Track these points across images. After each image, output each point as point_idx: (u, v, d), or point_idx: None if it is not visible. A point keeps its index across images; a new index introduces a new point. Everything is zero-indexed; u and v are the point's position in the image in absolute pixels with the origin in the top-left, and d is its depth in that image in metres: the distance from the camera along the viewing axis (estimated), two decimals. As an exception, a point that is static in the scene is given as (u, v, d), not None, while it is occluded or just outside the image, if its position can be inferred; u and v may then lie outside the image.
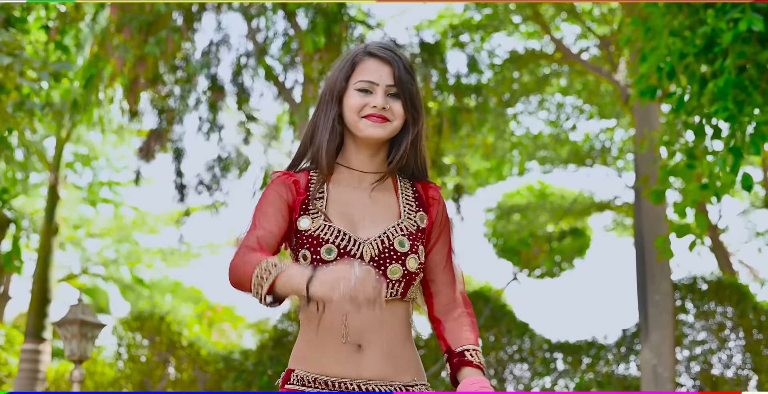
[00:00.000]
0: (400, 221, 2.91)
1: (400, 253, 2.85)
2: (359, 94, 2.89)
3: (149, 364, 16.61)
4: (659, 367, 13.50)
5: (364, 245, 2.83)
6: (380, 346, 2.82)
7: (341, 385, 2.77)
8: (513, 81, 18.43)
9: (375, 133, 2.88)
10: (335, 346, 2.79)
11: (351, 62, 2.95)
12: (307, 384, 2.79)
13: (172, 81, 14.00)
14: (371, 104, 2.88)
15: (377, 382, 2.80)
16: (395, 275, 2.83)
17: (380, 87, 2.90)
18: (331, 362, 2.78)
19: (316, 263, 2.77)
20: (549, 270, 22.44)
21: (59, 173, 17.12)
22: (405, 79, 2.92)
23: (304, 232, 2.85)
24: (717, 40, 6.59)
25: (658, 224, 14.14)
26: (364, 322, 2.79)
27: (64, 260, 25.94)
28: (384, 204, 2.95)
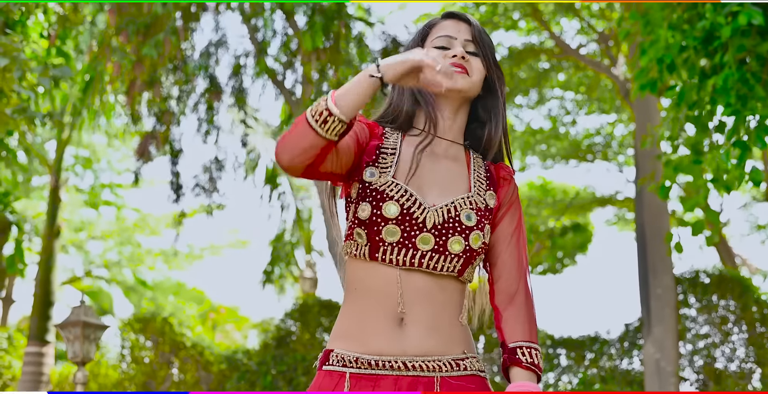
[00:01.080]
0: (470, 195, 2.74)
1: (465, 226, 2.67)
2: (437, 50, 2.74)
3: (153, 365, 16.62)
4: (662, 361, 13.49)
5: (429, 211, 2.64)
6: (424, 319, 2.63)
7: (385, 364, 2.58)
8: (512, 77, 18.43)
9: (453, 82, 2.66)
10: (377, 320, 2.61)
11: (427, 26, 2.84)
12: (348, 364, 2.60)
13: (171, 83, 14.01)
14: (450, 54, 2.73)
15: (424, 358, 2.61)
16: (455, 249, 2.65)
17: (458, 41, 2.76)
18: (372, 339, 2.60)
19: (376, 218, 2.61)
20: (551, 266, 22.47)
21: (60, 176, 17.14)
22: (484, 37, 2.80)
23: (369, 184, 2.66)
24: (716, 33, 6.59)
25: (659, 218, 14.14)
26: (410, 293, 2.63)
27: (66, 263, 25.98)
28: (455, 175, 2.77)
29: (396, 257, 2.62)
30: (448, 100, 2.77)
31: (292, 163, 2.49)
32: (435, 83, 2.46)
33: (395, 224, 2.61)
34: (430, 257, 2.63)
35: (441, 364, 2.63)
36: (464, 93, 2.75)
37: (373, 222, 2.62)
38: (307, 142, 2.46)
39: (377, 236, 2.62)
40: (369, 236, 2.63)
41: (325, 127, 2.43)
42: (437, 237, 2.63)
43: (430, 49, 2.68)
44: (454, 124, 2.80)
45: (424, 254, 2.63)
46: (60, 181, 17.13)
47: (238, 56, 14.43)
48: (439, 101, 2.77)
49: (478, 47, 2.78)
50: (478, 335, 15.89)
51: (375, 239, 2.62)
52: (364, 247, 2.64)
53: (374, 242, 2.63)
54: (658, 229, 13.99)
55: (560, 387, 15.34)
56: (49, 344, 16.21)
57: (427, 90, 2.71)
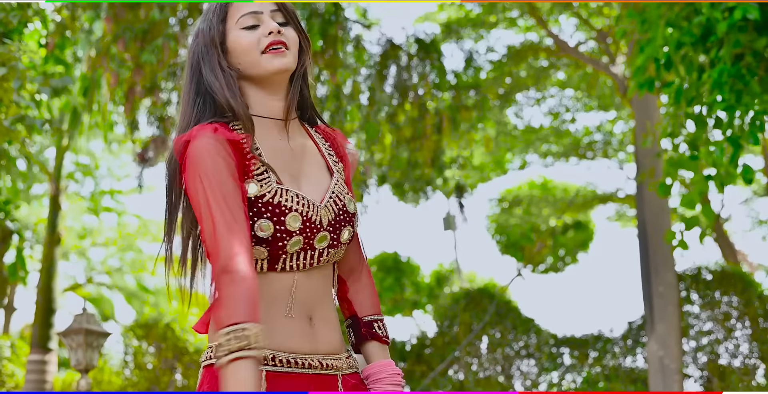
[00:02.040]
0: (337, 178, 2.65)
1: (350, 214, 2.62)
2: (247, 32, 2.56)
3: (156, 371, 16.61)
4: (666, 358, 13.49)
5: (320, 209, 2.54)
6: (327, 316, 2.59)
7: (303, 362, 2.50)
8: (511, 75, 18.43)
9: (282, 63, 2.54)
10: (287, 320, 2.51)
11: (221, 6, 2.60)
12: (263, 362, 2.44)
13: (170, 88, 13.99)
14: (265, 32, 2.55)
15: (331, 356, 2.57)
16: (345, 238, 2.60)
17: (265, 14, 2.58)
18: (286, 337, 2.50)
19: (280, 234, 2.47)
20: (553, 265, 22.45)
21: (60, 183, 17.13)
22: (286, 4, 2.62)
23: (257, 199, 2.46)
24: (713, 29, 6.58)
25: (661, 214, 14.13)
26: (311, 293, 2.56)
27: (68, 270, 25.99)
28: (313, 157, 2.67)
29: (296, 262, 2.54)
30: (277, 81, 2.59)
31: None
32: None
33: (298, 235, 2.50)
34: (326, 252, 2.58)
35: (341, 363, 2.60)
36: (289, 72, 2.59)
37: (278, 238, 2.48)
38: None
39: (281, 250, 2.50)
40: (271, 251, 2.49)
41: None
42: (332, 232, 2.57)
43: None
44: (280, 101, 2.64)
45: (321, 252, 2.57)
46: (60, 189, 17.12)
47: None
48: (267, 84, 2.59)
49: (286, 16, 2.62)
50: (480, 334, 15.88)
51: (278, 253, 2.51)
52: (261, 261, 2.51)
53: (276, 255, 2.51)
54: (660, 226, 13.98)
55: (564, 386, 15.34)
56: (51, 352, 16.20)
57: (226, 71, 2.55)
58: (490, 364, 15.79)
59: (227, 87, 2.55)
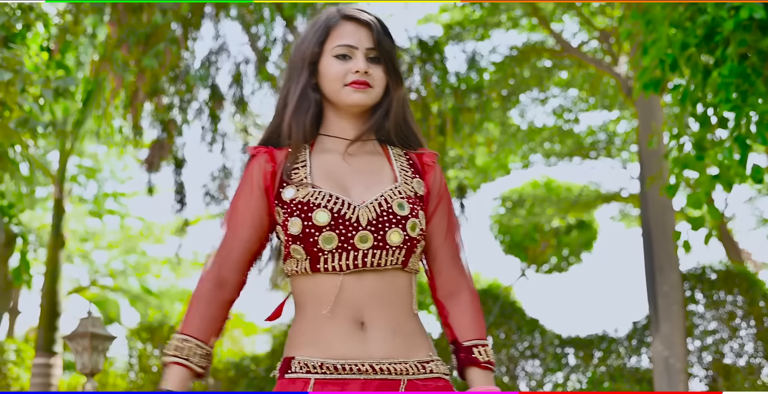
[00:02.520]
0: (398, 185, 2.70)
1: (400, 216, 2.63)
2: (338, 61, 2.70)
3: (161, 374, 16.61)
4: (671, 358, 13.48)
5: (359, 208, 2.61)
6: (385, 322, 2.60)
7: (351, 367, 2.54)
8: (514, 76, 18.42)
9: (359, 99, 2.70)
10: (336, 326, 2.57)
11: (324, 27, 2.74)
12: (312, 370, 2.53)
13: (173, 92, 14.00)
14: (353, 70, 2.68)
15: (389, 361, 2.57)
16: (395, 240, 2.61)
17: (360, 51, 2.70)
18: (334, 343, 2.56)
19: (308, 229, 2.58)
20: (557, 265, 22.44)
21: (64, 187, 17.13)
22: (385, 42, 2.73)
23: (291, 201, 2.62)
24: (718, 29, 6.57)
25: (665, 214, 14.12)
26: (361, 296, 2.59)
27: (72, 273, 25.98)
28: (378, 168, 2.75)
29: (338, 262, 2.59)
30: (352, 110, 2.75)
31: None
32: None
33: (330, 230, 2.58)
34: (372, 254, 2.60)
35: (407, 367, 2.59)
36: (366, 107, 2.74)
37: (307, 234, 2.58)
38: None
39: (314, 246, 2.58)
40: (306, 248, 2.59)
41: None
42: (375, 233, 2.60)
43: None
44: (359, 126, 2.78)
45: (365, 253, 2.60)
46: (63, 192, 17.13)
47: (239, 64, 14.42)
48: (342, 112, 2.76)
49: (380, 53, 2.73)
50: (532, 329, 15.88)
51: (313, 250, 2.59)
52: (304, 261, 2.61)
53: (313, 253, 2.59)
54: (664, 225, 13.98)
55: (569, 387, 15.34)
56: (56, 355, 16.19)
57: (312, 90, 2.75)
58: (495, 364, 15.79)
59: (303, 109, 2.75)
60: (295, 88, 2.75)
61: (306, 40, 2.77)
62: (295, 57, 2.78)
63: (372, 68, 2.72)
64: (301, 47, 2.77)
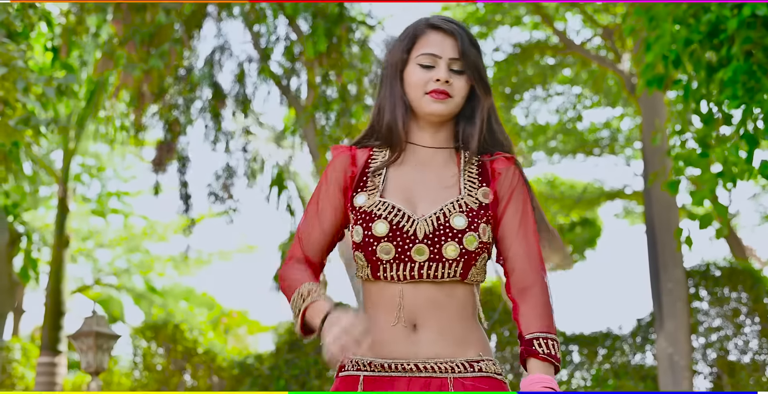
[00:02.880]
0: (460, 198, 2.74)
1: (456, 230, 2.68)
2: (421, 70, 2.76)
3: (165, 372, 16.62)
4: (675, 355, 13.47)
5: (418, 222, 2.68)
6: (436, 324, 2.68)
7: (398, 366, 2.65)
8: (517, 74, 18.40)
9: (437, 109, 2.75)
10: (390, 328, 2.68)
11: (412, 35, 2.81)
12: (362, 368, 2.68)
13: (176, 92, 14.00)
14: (434, 78, 2.74)
15: (435, 360, 2.65)
16: (451, 254, 2.67)
17: (443, 60, 2.75)
18: (385, 344, 2.67)
19: (368, 239, 2.70)
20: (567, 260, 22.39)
21: (68, 186, 17.13)
22: (470, 52, 2.77)
23: (360, 208, 2.75)
24: (722, 26, 6.56)
25: (669, 211, 14.11)
26: (418, 303, 2.68)
27: (76, 272, 25.98)
28: (445, 180, 2.79)
29: (396, 273, 2.69)
30: (430, 118, 2.81)
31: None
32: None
33: (387, 241, 2.69)
34: (428, 266, 2.68)
35: (453, 365, 2.65)
36: (445, 117, 2.80)
37: (367, 243, 2.70)
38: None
39: (374, 255, 2.70)
40: (366, 256, 2.71)
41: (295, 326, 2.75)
42: (431, 246, 2.68)
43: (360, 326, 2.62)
44: (438, 134, 2.84)
45: (422, 265, 2.68)
46: (67, 191, 17.13)
47: (241, 63, 14.42)
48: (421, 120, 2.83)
49: (464, 64, 2.77)
50: (489, 333, 15.87)
51: (372, 258, 2.70)
52: (366, 268, 2.73)
53: (372, 262, 2.71)
54: (668, 222, 13.96)
55: (573, 384, 15.32)
56: (61, 354, 16.21)
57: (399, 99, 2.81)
58: (500, 363, 15.72)
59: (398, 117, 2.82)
60: (391, 95, 2.82)
61: (395, 48, 2.84)
62: (387, 63, 2.86)
63: (453, 78, 2.77)
64: (391, 54, 2.85)
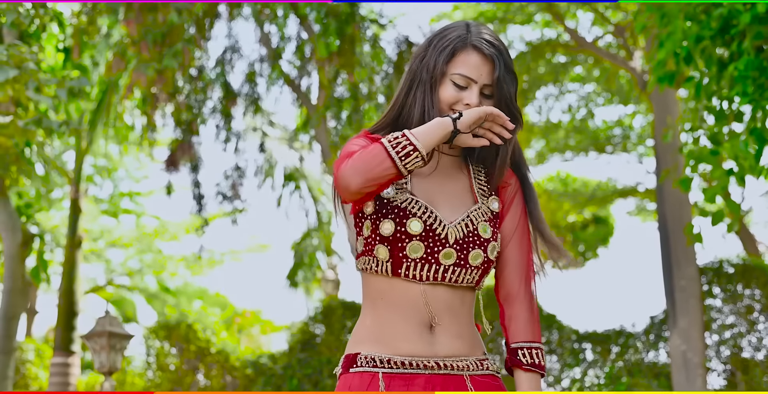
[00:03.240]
0: (480, 205, 2.82)
1: (483, 239, 2.75)
2: (454, 88, 2.75)
3: (178, 372, 16.63)
4: (689, 353, 13.44)
5: (448, 227, 2.72)
6: (451, 326, 2.72)
7: (419, 363, 2.67)
8: (529, 72, 18.38)
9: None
10: (406, 327, 2.69)
11: (452, 48, 2.77)
12: (379, 364, 2.67)
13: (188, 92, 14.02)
14: (464, 101, 2.74)
15: (453, 358, 2.71)
16: (476, 261, 2.74)
17: (477, 85, 2.76)
18: (402, 342, 2.69)
19: (400, 235, 2.68)
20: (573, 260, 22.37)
21: (80, 186, 17.16)
22: (504, 80, 2.77)
23: (388, 201, 2.72)
24: (733, 21, 6.54)
25: (681, 208, 14.07)
26: (436, 305, 2.70)
27: (89, 273, 26.03)
28: (459, 186, 2.84)
29: (420, 272, 2.70)
30: None
31: (363, 187, 2.55)
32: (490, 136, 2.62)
33: (419, 241, 2.69)
34: (452, 271, 2.72)
35: (468, 363, 2.73)
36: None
37: (397, 239, 2.69)
38: (383, 171, 2.54)
39: (401, 252, 2.69)
40: (392, 252, 2.70)
41: (405, 161, 2.53)
42: (459, 251, 2.72)
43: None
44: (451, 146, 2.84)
45: (447, 269, 2.72)
46: (80, 192, 17.15)
47: (253, 62, 14.43)
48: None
49: (496, 91, 2.77)
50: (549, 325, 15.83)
51: (398, 255, 2.70)
52: (386, 263, 2.71)
53: (397, 258, 2.70)
54: (681, 220, 13.93)
55: (587, 382, 15.30)
56: (74, 354, 16.22)
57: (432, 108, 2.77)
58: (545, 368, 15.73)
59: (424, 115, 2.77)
60: (423, 97, 2.79)
61: (433, 55, 2.80)
62: (424, 66, 2.80)
63: (484, 102, 2.77)
64: (429, 58, 2.80)
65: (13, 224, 14.10)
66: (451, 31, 2.82)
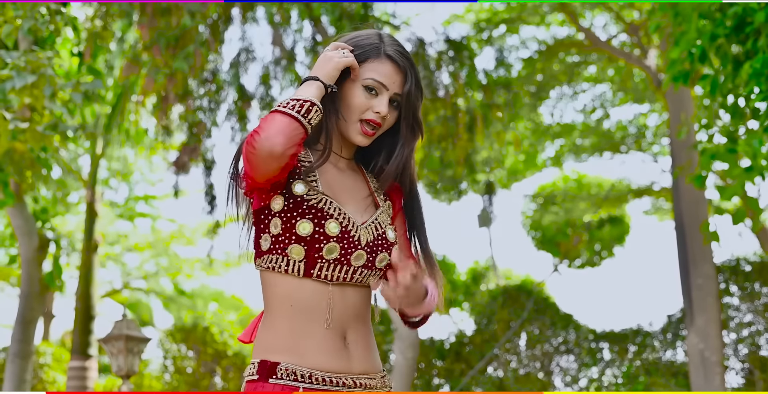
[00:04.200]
0: (383, 209, 2.87)
1: (389, 242, 2.79)
2: (364, 93, 2.76)
3: (195, 375, 16.67)
4: (706, 351, 13.39)
5: (360, 229, 2.74)
6: (361, 337, 2.74)
7: (338, 381, 2.64)
8: (543, 71, 18.35)
9: (360, 141, 2.79)
10: (323, 339, 2.66)
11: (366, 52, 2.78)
12: (300, 379, 2.60)
13: (201, 94, 14.03)
14: (375, 109, 2.75)
15: (365, 376, 2.71)
16: (381, 264, 2.76)
17: (388, 93, 2.77)
18: (320, 355, 2.65)
19: (318, 236, 2.65)
20: (589, 260, 22.33)
21: (95, 190, 17.20)
22: (413, 92, 2.80)
23: (301, 199, 2.69)
24: (748, 18, 6.53)
25: (697, 207, 14.03)
26: (345, 310, 2.70)
27: (105, 276, 26.10)
28: (360, 189, 2.87)
29: (331, 273, 2.69)
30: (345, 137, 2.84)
31: (286, 147, 2.50)
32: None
33: (335, 242, 2.68)
34: (360, 272, 2.73)
35: (376, 382, 2.74)
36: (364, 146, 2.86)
37: (315, 240, 2.66)
38: (292, 130, 2.51)
39: (317, 253, 2.67)
40: (308, 252, 2.66)
41: (308, 117, 2.54)
42: (369, 254, 2.74)
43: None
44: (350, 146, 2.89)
45: (356, 270, 2.72)
46: (95, 196, 17.20)
47: (267, 65, 14.44)
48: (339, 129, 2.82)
49: (404, 102, 2.80)
50: (519, 331, 15.84)
51: (314, 256, 2.67)
52: (299, 263, 2.68)
53: (312, 258, 2.67)
54: (697, 218, 13.89)
55: (604, 381, 15.29)
56: (92, 358, 16.27)
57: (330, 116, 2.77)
58: (530, 361, 15.75)
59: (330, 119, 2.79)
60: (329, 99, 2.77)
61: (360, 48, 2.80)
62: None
63: (390, 112, 2.79)
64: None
65: (29, 229, 14.14)
66: (363, 39, 2.83)
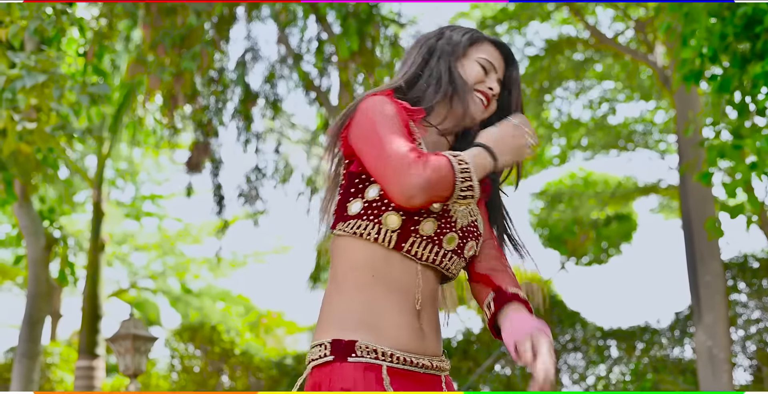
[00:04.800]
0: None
1: (479, 232, 2.70)
2: (479, 68, 2.72)
3: (203, 374, 16.68)
4: (714, 348, 13.37)
5: (458, 211, 2.62)
6: (432, 318, 2.60)
7: (418, 361, 2.50)
8: (549, 69, 18.33)
9: (476, 112, 2.70)
10: (401, 315, 2.51)
11: (473, 36, 2.76)
12: (381, 357, 2.45)
13: (208, 94, 14.04)
14: (488, 84, 2.72)
15: (437, 358, 2.59)
16: (469, 253, 2.66)
17: (496, 74, 2.75)
18: (401, 332, 2.50)
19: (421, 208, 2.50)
20: (596, 257, 22.32)
21: (102, 190, 17.22)
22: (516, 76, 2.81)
23: None
24: (757, 17, 6.51)
25: (704, 204, 14.01)
26: (426, 291, 2.57)
27: (112, 276, 26.12)
28: None
29: (422, 251, 2.55)
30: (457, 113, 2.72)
31: (422, 202, 2.40)
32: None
33: (435, 219, 2.54)
34: (449, 257, 2.61)
35: (444, 364, 2.62)
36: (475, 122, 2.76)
37: (416, 212, 2.51)
38: (441, 192, 2.39)
39: (415, 225, 2.52)
40: (405, 223, 2.51)
41: (462, 197, 2.43)
42: (460, 239, 2.62)
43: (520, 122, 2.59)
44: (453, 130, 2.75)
45: (445, 254, 2.59)
46: (102, 195, 17.23)
47: (273, 64, 14.44)
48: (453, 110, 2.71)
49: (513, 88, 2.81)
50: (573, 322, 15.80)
51: (410, 228, 2.51)
52: (392, 233, 2.51)
53: (407, 231, 2.51)
54: (704, 215, 13.86)
55: (612, 379, 15.27)
56: (99, 358, 16.29)
57: (463, 95, 2.68)
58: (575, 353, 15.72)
59: (442, 90, 2.67)
60: (445, 70, 2.70)
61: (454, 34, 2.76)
62: (447, 41, 2.74)
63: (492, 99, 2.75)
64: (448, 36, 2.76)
65: (36, 229, 14.14)
66: (464, 28, 2.81)
